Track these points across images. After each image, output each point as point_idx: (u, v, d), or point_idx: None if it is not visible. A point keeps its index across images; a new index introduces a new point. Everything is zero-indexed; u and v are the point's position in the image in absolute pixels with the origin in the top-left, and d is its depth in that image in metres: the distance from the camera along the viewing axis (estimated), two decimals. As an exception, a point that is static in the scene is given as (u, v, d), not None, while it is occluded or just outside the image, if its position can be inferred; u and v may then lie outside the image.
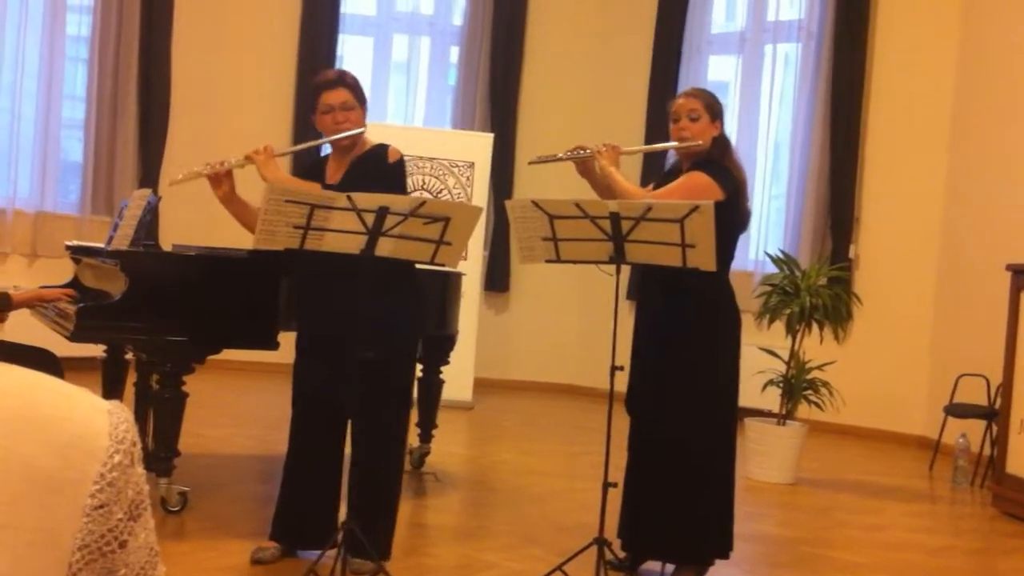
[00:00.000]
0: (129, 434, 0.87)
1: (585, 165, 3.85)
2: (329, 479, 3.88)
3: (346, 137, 3.72)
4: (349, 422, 3.83)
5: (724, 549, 3.88)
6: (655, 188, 3.91)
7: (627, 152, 3.93)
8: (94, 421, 0.86)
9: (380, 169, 3.74)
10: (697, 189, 3.68)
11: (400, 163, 3.78)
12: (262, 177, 3.66)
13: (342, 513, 3.82)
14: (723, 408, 3.88)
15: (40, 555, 0.81)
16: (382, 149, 3.80)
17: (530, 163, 4.09)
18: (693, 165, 3.83)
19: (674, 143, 3.87)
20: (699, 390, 3.81)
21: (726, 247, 3.77)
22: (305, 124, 9.04)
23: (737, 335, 3.91)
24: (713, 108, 3.86)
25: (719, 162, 3.82)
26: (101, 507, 0.84)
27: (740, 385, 3.96)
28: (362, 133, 3.78)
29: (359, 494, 3.67)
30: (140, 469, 0.88)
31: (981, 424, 6.46)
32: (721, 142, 3.87)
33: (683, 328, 3.80)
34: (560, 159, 3.87)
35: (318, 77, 3.89)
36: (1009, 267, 5.75)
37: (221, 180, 3.80)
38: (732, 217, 3.77)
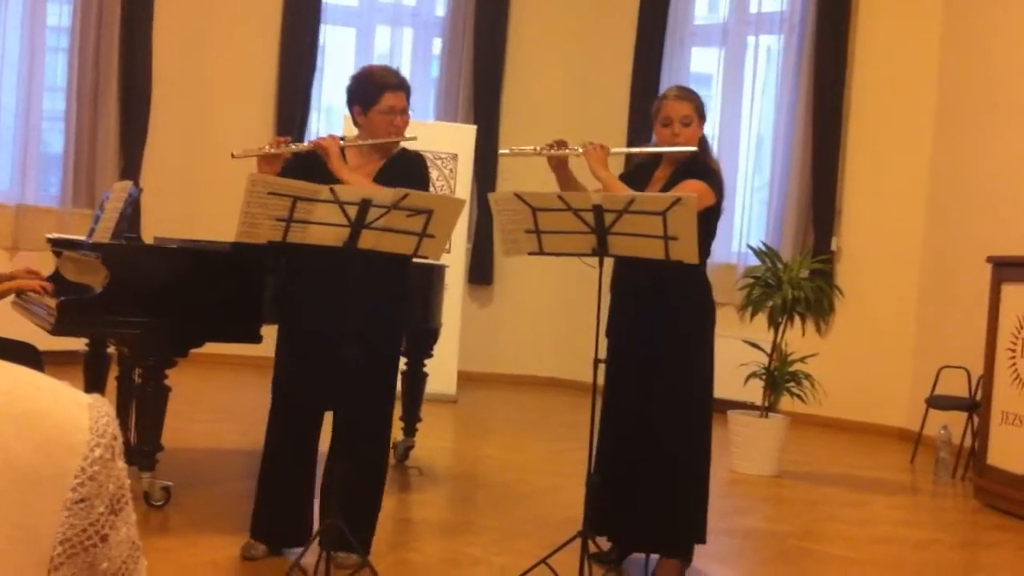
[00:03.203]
0: (110, 428, 0.87)
1: (560, 160, 3.84)
2: (308, 477, 3.87)
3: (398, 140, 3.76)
4: (321, 418, 3.84)
5: (701, 535, 3.90)
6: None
7: (616, 153, 3.92)
8: (74, 415, 0.85)
9: (416, 170, 3.78)
10: (698, 198, 3.70)
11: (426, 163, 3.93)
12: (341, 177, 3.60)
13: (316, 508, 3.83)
14: (704, 401, 3.91)
15: (21, 550, 0.80)
16: (414, 152, 3.86)
17: (502, 154, 4.03)
18: (682, 168, 3.84)
19: (666, 148, 3.85)
20: (683, 384, 3.83)
21: (707, 244, 3.87)
22: (289, 116, 9.03)
23: (713, 329, 3.95)
24: (702, 111, 3.89)
25: (706, 164, 3.85)
26: (82, 501, 0.83)
27: (724, 378, 3.98)
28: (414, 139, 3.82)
29: (346, 490, 3.64)
30: (121, 463, 0.87)
31: (962, 416, 6.49)
32: (703, 141, 3.92)
33: (666, 323, 3.81)
34: (537, 153, 3.84)
35: (379, 74, 3.78)
36: (990, 259, 5.77)
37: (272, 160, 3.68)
38: (715, 216, 3.85)
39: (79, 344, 5.07)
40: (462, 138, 8.22)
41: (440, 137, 8.17)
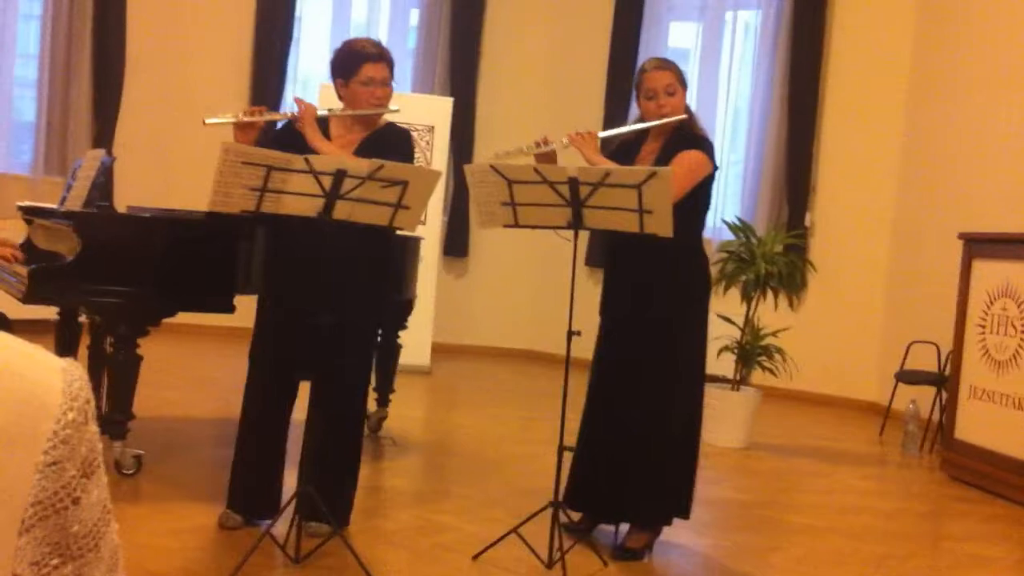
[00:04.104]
0: (83, 392, 0.87)
1: (549, 156, 3.80)
2: (282, 446, 3.88)
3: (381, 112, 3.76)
4: (297, 387, 3.84)
5: (686, 510, 3.92)
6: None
7: (605, 137, 3.88)
8: (48, 378, 0.86)
9: (399, 143, 3.77)
10: (697, 168, 3.70)
11: (411, 138, 3.90)
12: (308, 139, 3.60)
13: (289, 478, 3.84)
14: (698, 375, 3.91)
15: (-8, 512, 0.81)
16: (398, 127, 3.85)
17: (492, 165, 3.89)
18: (672, 140, 3.80)
19: (655, 121, 3.80)
20: (680, 358, 3.83)
21: (703, 214, 3.86)
22: (263, 84, 8.96)
23: (705, 304, 3.92)
24: (683, 78, 3.86)
25: (696, 132, 3.83)
26: (54, 464, 0.84)
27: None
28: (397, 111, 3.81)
29: (324, 459, 3.65)
30: (93, 427, 0.88)
31: (931, 390, 6.57)
32: (689, 109, 3.89)
33: (664, 295, 3.80)
34: (525, 154, 3.77)
35: (358, 46, 3.77)
36: (961, 236, 5.83)
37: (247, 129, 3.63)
38: (710, 184, 3.84)
39: (50, 313, 5.05)
40: (439, 110, 8.20)
41: (417, 109, 8.14)
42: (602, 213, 3.48)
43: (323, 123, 3.78)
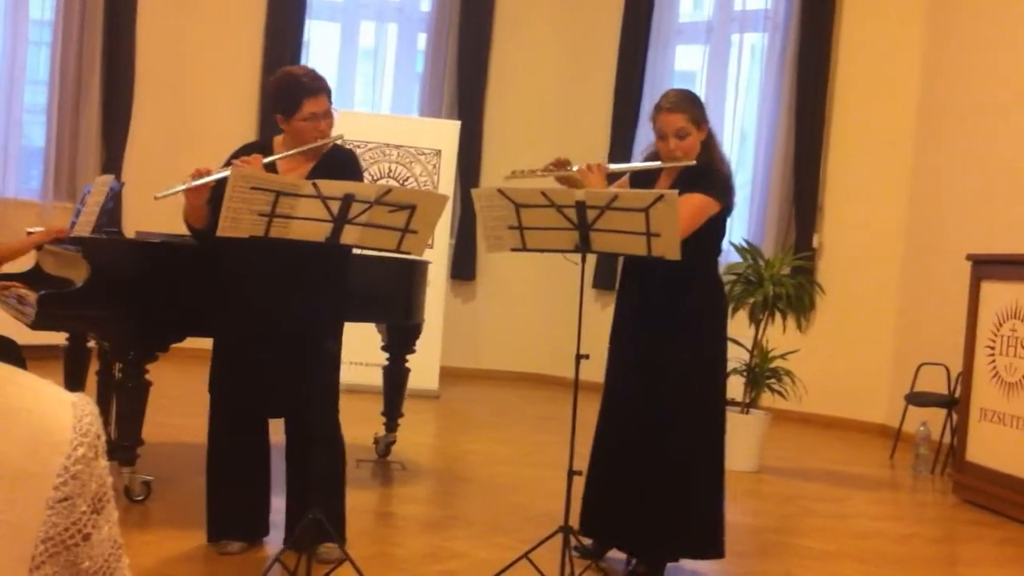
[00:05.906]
0: (94, 427, 0.87)
1: (569, 179, 3.80)
2: (263, 470, 3.88)
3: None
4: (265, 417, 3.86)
5: (713, 547, 3.84)
6: None
7: (614, 171, 3.88)
8: (58, 414, 0.85)
9: (348, 166, 3.76)
10: (699, 211, 3.67)
11: (357, 157, 3.89)
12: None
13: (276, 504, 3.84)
14: (717, 405, 3.88)
15: (2, 548, 0.81)
16: (343, 148, 3.83)
17: (507, 179, 3.89)
18: (683, 179, 3.76)
19: (664, 164, 3.78)
20: (695, 387, 3.78)
21: (718, 241, 3.86)
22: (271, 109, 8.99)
23: (718, 331, 3.89)
24: (698, 117, 3.78)
25: (708, 170, 3.77)
26: (64, 500, 0.83)
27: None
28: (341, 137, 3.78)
29: (314, 484, 3.63)
30: (104, 462, 0.88)
31: (941, 412, 6.54)
32: (708, 143, 3.83)
33: (683, 321, 3.77)
34: (539, 174, 3.78)
35: (295, 81, 3.67)
36: (970, 257, 5.82)
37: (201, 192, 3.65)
38: (724, 216, 3.82)
39: (59, 338, 5.06)
40: (446, 134, 8.22)
41: (424, 133, 8.18)
42: (609, 236, 3.48)
43: (271, 164, 3.71)
